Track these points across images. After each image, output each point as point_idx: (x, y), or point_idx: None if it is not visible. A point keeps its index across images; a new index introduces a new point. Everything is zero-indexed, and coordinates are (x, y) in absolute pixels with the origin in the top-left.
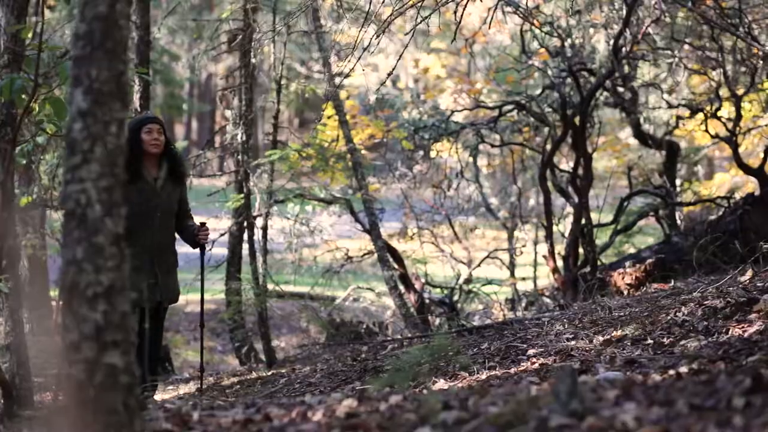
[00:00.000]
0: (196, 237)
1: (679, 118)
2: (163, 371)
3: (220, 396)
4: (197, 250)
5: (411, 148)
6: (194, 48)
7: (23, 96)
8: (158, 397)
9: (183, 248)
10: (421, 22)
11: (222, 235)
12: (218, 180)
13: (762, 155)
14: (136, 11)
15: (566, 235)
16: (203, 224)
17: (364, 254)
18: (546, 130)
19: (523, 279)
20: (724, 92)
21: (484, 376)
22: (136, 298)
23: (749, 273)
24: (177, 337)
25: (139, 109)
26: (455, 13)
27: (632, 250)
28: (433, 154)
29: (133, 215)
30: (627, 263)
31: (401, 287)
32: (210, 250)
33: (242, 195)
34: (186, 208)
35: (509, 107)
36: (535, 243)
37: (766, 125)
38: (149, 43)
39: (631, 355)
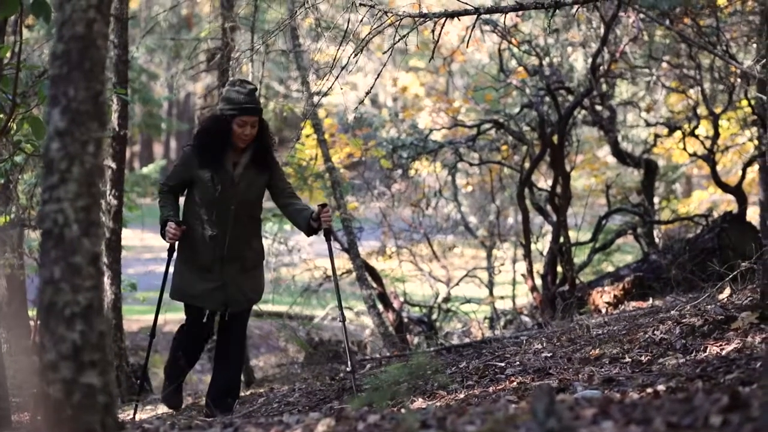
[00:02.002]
0: (316, 222)
1: (657, 136)
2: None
3: (199, 415)
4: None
5: (390, 166)
6: (173, 67)
7: (1, 115)
8: (137, 416)
9: (162, 267)
10: (399, 41)
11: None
12: None
13: (740, 173)
14: (114, 30)
15: (544, 253)
16: (324, 205)
17: (343, 273)
18: (524, 148)
19: (502, 298)
20: (701, 110)
21: (462, 395)
22: (198, 297)
23: (727, 291)
24: (155, 356)
25: (117, 129)
26: (433, 31)
27: (611, 269)
28: (411, 172)
29: (204, 205)
30: (605, 281)
31: (380, 306)
32: None
33: None
34: (286, 188)
35: (487, 126)
36: (514, 261)
37: (743, 143)
38: (127, 62)
39: (609, 374)
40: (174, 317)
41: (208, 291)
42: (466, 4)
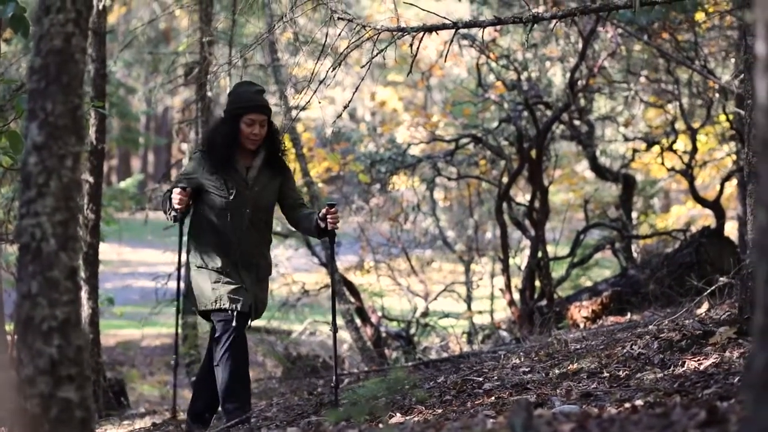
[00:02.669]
0: (323, 222)
1: (635, 151)
2: (119, 405)
3: (176, 431)
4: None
5: (368, 181)
6: (150, 81)
7: None
8: None
9: (139, 282)
10: (377, 55)
11: (179, 269)
12: None
13: (718, 188)
14: (92, 44)
15: (522, 268)
16: (332, 205)
17: (321, 288)
18: (502, 163)
19: (480, 312)
20: (680, 125)
21: (440, 410)
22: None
23: (705, 306)
24: (133, 371)
25: (94, 143)
26: (411, 46)
27: (589, 283)
28: (389, 187)
29: (217, 211)
30: (583, 296)
31: (358, 321)
32: (166, 284)
33: None
34: (297, 198)
35: (466, 140)
36: (492, 276)
37: (721, 158)
38: (105, 76)
39: (587, 388)
40: (152, 331)
41: (235, 291)
42: (445, 18)
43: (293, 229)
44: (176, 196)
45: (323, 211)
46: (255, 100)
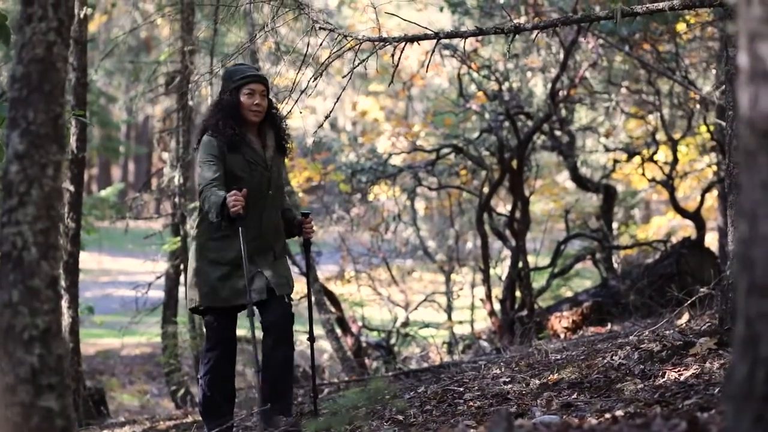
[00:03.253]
0: (297, 229)
1: (616, 161)
2: (99, 414)
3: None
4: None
5: (348, 191)
6: (131, 90)
7: None
8: None
9: (119, 291)
10: (358, 65)
11: (158, 278)
12: (155, 223)
13: (699, 199)
14: (73, 53)
15: (503, 278)
16: (306, 215)
17: (301, 297)
18: (483, 173)
19: (460, 322)
20: (660, 136)
21: (420, 420)
22: (239, 295)
23: (686, 316)
24: (112, 380)
25: (75, 152)
26: (393, 56)
27: (569, 294)
28: (370, 197)
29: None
30: (564, 306)
31: (338, 330)
32: (146, 293)
33: (179, 238)
34: (287, 181)
35: (447, 150)
36: (473, 286)
37: (702, 169)
38: (86, 85)
39: (567, 399)
40: (132, 340)
41: (246, 283)
42: (426, 28)
43: None
44: (233, 200)
45: (299, 219)
46: (251, 71)
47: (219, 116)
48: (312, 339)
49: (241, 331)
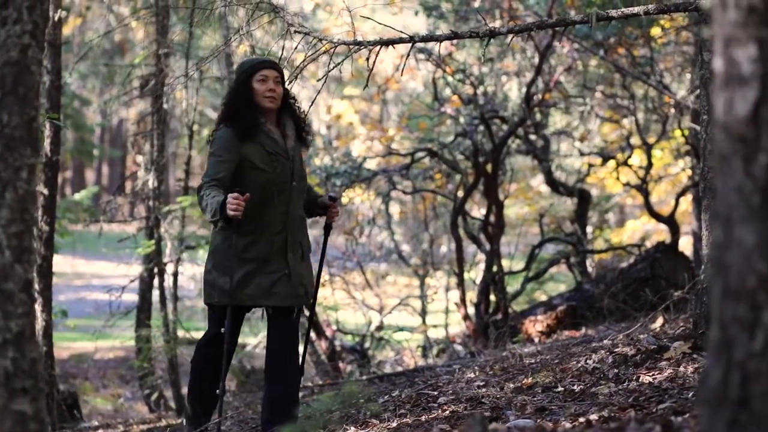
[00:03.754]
0: (322, 210)
1: (590, 165)
2: (72, 418)
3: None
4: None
5: (323, 194)
6: (106, 93)
7: None
8: None
9: (93, 294)
10: (333, 69)
11: (132, 281)
12: (129, 226)
13: (673, 203)
14: (47, 56)
15: (478, 282)
16: (334, 200)
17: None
18: (458, 177)
19: (435, 326)
20: (635, 140)
21: (395, 424)
22: (259, 295)
23: (660, 320)
24: (86, 384)
25: (49, 155)
26: (368, 59)
27: (543, 298)
28: (345, 200)
29: (261, 186)
30: (538, 310)
31: (312, 334)
32: (120, 296)
33: (153, 241)
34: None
35: (421, 154)
36: (447, 290)
37: (677, 173)
38: (60, 88)
39: (541, 403)
40: (105, 344)
41: (272, 284)
42: (401, 32)
43: None
44: (234, 202)
45: (326, 201)
46: (262, 58)
47: (234, 106)
48: (308, 334)
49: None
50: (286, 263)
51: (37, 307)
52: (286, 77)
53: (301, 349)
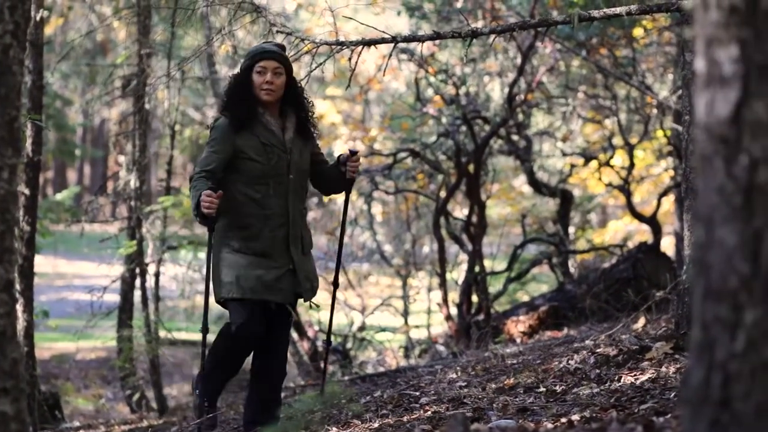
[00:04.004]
0: (343, 166)
1: (572, 166)
2: (53, 418)
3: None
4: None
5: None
6: (88, 93)
7: None
8: None
9: (75, 294)
10: (315, 69)
11: (114, 281)
12: (111, 226)
13: (655, 204)
14: (29, 56)
15: (460, 282)
16: (355, 152)
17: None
18: (440, 177)
19: (417, 326)
20: (617, 141)
21: (376, 424)
22: (266, 290)
23: (642, 321)
24: (67, 385)
25: (30, 155)
26: (350, 59)
27: (526, 298)
28: (326, 200)
29: (257, 178)
30: (520, 311)
31: (294, 334)
32: (101, 297)
33: (135, 241)
34: (325, 159)
35: (404, 154)
36: (429, 290)
37: (659, 174)
38: (42, 88)
39: (523, 403)
40: (87, 344)
41: (276, 279)
42: (384, 32)
43: (319, 191)
44: (206, 199)
45: (346, 155)
46: (264, 48)
47: (232, 96)
48: (334, 290)
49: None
50: (290, 258)
51: (18, 308)
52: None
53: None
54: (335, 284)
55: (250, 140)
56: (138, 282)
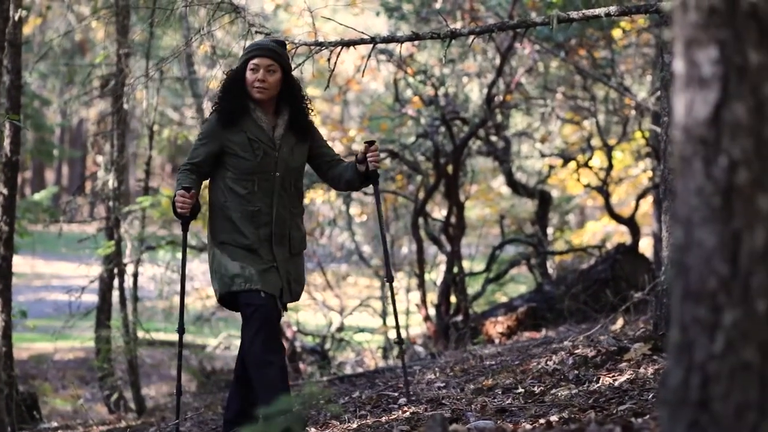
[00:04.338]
0: (363, 165)
1: (551, 167)
2: (31, 419)
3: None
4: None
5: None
6: (66, 93)
7: None
8: None
9: (53, 295)
10: (294, 69)
11: (92, 282)
12: (89, 226)
13: (633, 205)
14: (7, 56)
15: (438, 283)
16: (371, 143)
17: None
18: (419, 178)
19: (395, 327)
20: (596, 142)
21: (355, 425)
22: (257, 280)
23: (620, 322)
24: (45, 385)
25: (9, 155)
26: (329, 60)
27: (504, 299)
28: (306, 201)
29: (243, 175)
30: (499, 312)
31: None
32: (79, 297)
33: (113, 242)
34: (333, 155)
35: (382, 155)
36: (408, 291)
37: (637, 175)
38: (20, 87)
39: (501, 404)
40: (65, 345)
41: (262, 272)
42: (363, 33)
43: (338, 190)
44: (179, 199)
45: (361, 150)
46: (259, 44)
47: (224, 91)
48: (390, 279)
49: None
50: (273, 257)
51: None
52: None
53: None
54: (389, 278)
55: (238, 136)
56: (116, 282)
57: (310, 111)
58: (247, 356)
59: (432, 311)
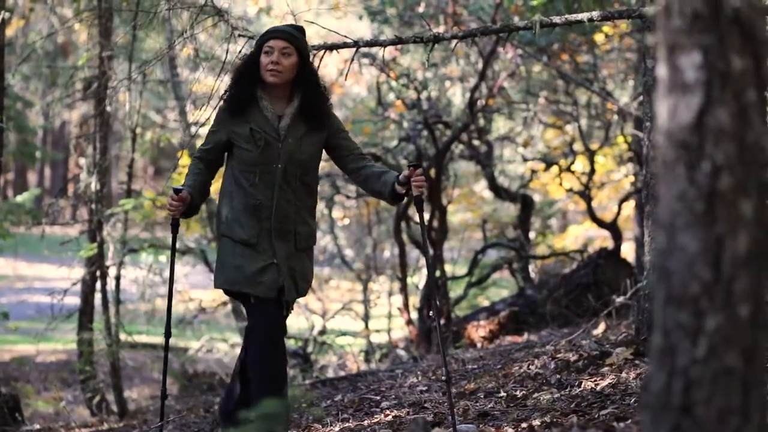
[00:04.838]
0: (404, 187)
1: (533, 171)
2: (13, 421)
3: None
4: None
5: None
6: (48, 95)
7: None
8: None
9: (35, 297)
10: None
11: (74, 284)
12: (71, 228)
13: (615, 209)
14: None
15: (420, 287)
16: (416, 166)
17: (218, 305)
18: None
19: (378, 331)
20: (578, 146)
21: (337, 429)
22: (251, 283)
23: (602, 326)
24: (27, 387)
25: None
26: (312, 63)
27: (486, 303)
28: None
29: (246, 167)
30: (481, 316)
31: None
32: (62, 299)
33: (95, 244)
34: (353, 148)
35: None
36: (390, 295)
37: (619, 180)
38: (3, 89)
39: (484, 408)
40: (47, 347)
41: (259, 272)
42: (346, 36)
43: (360, 187)
44: (170, 202)
45: (405, 173)
46: (276, 27)
47: (235, 76)
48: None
49: (157, 338)
50: (274, 252)
51: None
52: (222, 80)
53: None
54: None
55: (242, 126)
56: (98, 285)
57: (326, 100)
58: (249, 365)
59: (414, 315)
